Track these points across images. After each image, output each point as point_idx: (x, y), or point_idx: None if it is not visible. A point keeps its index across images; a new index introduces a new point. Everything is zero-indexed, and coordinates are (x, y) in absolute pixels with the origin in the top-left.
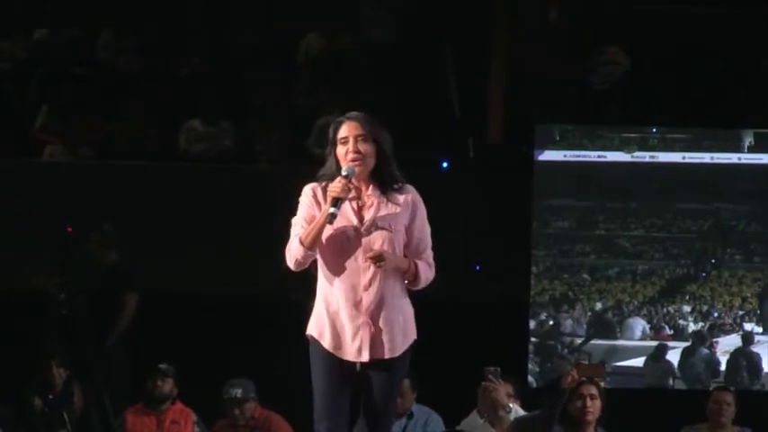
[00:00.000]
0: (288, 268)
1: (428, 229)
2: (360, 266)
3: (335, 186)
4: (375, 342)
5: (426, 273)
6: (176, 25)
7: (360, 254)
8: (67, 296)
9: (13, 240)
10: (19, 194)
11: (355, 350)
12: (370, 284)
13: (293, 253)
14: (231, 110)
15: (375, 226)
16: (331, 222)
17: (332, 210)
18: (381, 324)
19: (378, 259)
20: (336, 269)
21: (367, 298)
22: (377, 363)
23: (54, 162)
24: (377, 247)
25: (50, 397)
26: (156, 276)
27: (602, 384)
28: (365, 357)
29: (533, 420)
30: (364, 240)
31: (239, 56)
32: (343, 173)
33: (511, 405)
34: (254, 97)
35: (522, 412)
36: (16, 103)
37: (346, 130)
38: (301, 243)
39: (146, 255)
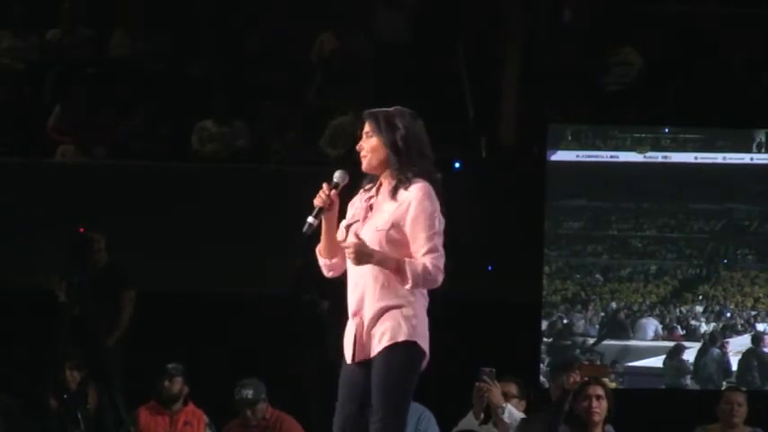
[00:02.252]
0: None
1: (426, 229)
2: (351, 266)
3: (319, 195)
4: (358, 342)
5: (415, 272)
6: (189, 25)
7: None
8: (78, 296)
9: (25, 240)
10: (32, 194)
11: (348, 352)
12: (356, 285)
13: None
14: (244, 110)
15: (365, 224)
16: (306, 233)
17: (309, 219)
18: (365, 323)
19: (349, 250)
20: (347, 271)
21: (353, 298)
22: (366, 363)
23: (67, 162)
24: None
25: (65, 397)
26: (168, 277)
27: (613, 385)
28: (348, 359)
29: (532, 421)
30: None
31: (252, 56)
32: (334, 179)
33: (504, 405)
34: (266, 97)
35: (515, 412)
36: (30, 104)
37: (360, 127)
38: (319, 252)
39: (158, 255)
